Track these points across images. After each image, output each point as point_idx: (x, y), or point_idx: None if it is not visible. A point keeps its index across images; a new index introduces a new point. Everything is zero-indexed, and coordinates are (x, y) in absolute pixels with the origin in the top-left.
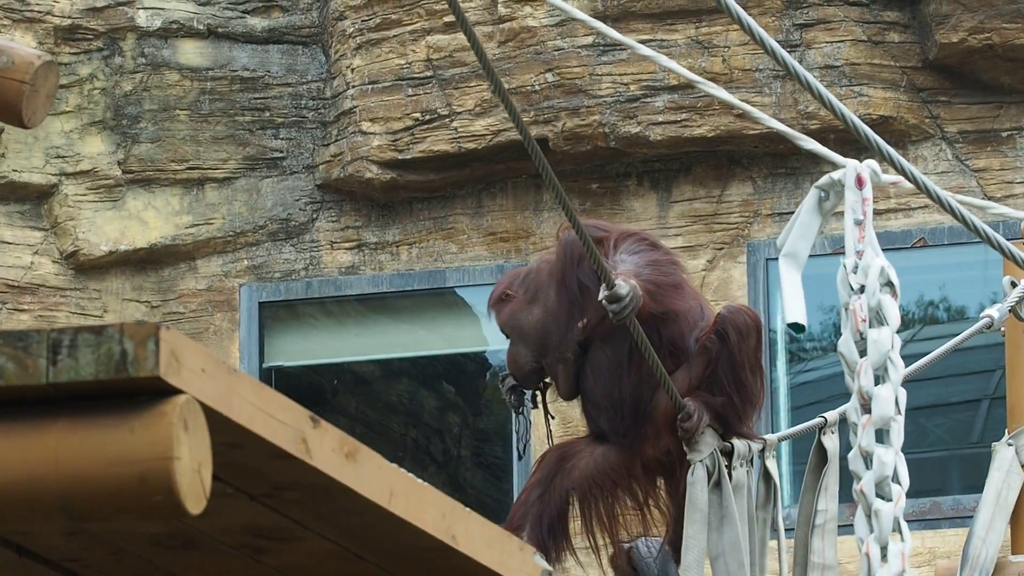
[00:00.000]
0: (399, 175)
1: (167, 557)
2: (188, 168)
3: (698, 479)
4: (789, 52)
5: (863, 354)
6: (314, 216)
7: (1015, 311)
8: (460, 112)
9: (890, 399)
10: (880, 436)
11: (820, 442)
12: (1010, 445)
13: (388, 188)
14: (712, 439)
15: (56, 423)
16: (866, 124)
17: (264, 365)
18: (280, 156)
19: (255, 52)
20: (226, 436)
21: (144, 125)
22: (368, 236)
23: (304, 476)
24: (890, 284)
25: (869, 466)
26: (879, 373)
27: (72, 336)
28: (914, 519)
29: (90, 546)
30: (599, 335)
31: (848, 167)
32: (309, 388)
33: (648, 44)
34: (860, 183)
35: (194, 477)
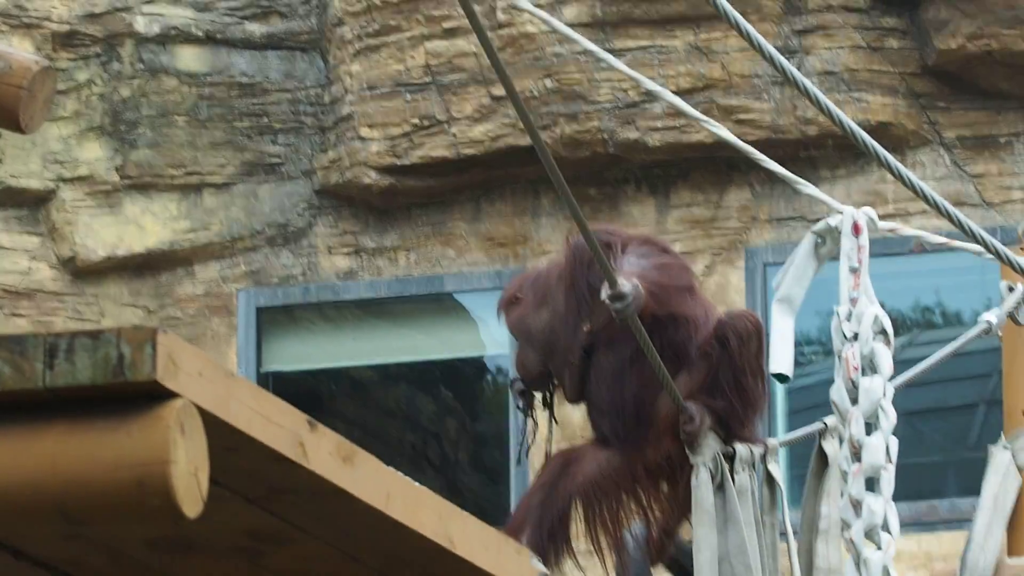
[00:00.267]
0: (397, 180)
1: (164, 560)
2: (186, 174)
3: (702, 481)
4: (788, 58)
5: (855, 402)
6: (312, 221)
7: (1013, 316)
8: (459, 118)
9: (881, 448)
10: (870, 484)
11: (820, 447)
12: (1006, 448)
13: (386, 193)
14: (714, 442)
15: (53, 427)
16: (864, 130)
17: (261, 370)
18: (278, 162)
19: (253, 58)
20: (223, 440)
21: (142, 131)
22: (366, 241)
23: (301, 479)
24: (883, 332)
25: (859, 514)
26: (870, 421)
27: (69, 340)
28: (911, 522)
29: (87, 549)
30: (603, 340)
31: (845, 214)
32: (306, 393)
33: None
34: (857, 230)
35: (191, 481)
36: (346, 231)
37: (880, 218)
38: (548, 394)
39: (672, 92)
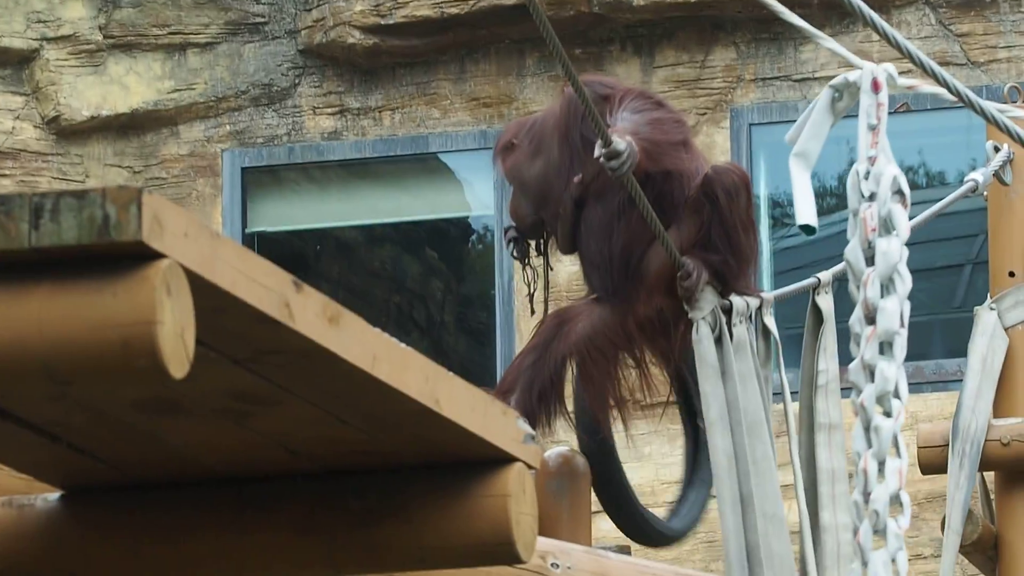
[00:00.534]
0: (381, 40)
1: (150, 421)
2: (170, 33)
3: (703, 336)
4: None
5: (870, 264)
6: (296, 82)
7: (998, 175)
8: None
9: (896, 312)
10: (883, 349)
11: (815, 303)
12: (992, 309)
13: (370, 54)
14: (712, 296)
15: (39, 287)
16: None
17: (247, 230)
18: (262, 21)
19: None
20: (209, 301)
21: None
22: (351, 102)
23: (287, 340)
24: (901, 192)
25: (871, 379)
26: (885, 284)
27: (54, 200)
28: None
29: (73, 410)
30: (593, 191)
31: (864, 69)
32: (292, 254)
33: None
34: (876, 87)
35: (177, 341)
36: (330, 91)
37: None
38: (542, 243)
39: None
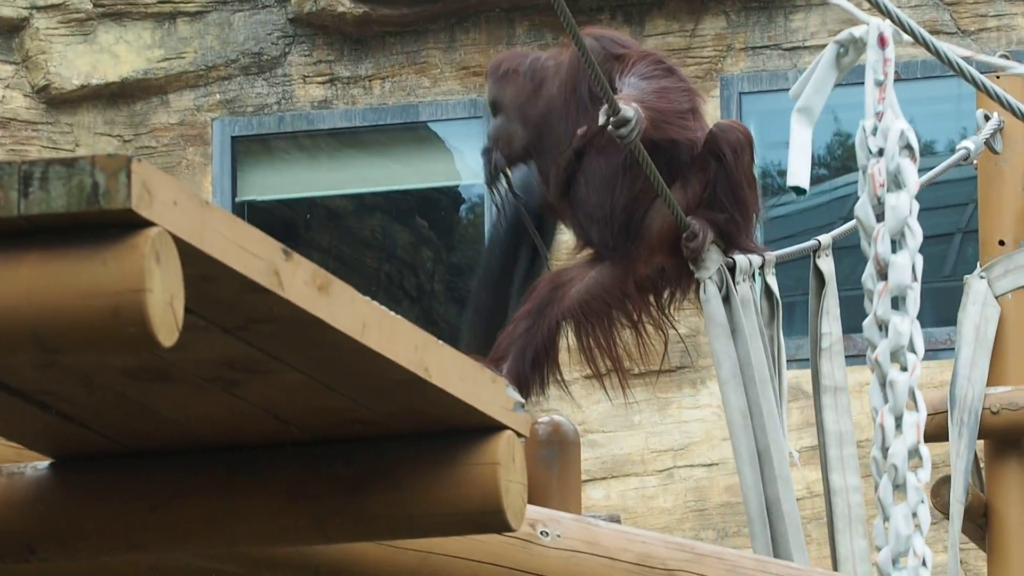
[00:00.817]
0: (371, 9)
1: (140, 390)
2: (159, 2)
3: (711, 295)
4: None
5: (880, 219)
6: (286, 50)
7: (989, 144)
8: None
9: (907, 267)
10: (895, 304)
11: (816, 266)
12: (982, 278)
13: (360, 22)
14: (717, 255)
15: (28, 256)
16: None
17: (237, 199)
18: None
19: None
20: (198, 269)
21: None
22: (341, 70)
23: (276, 309)
24: (909, 148)
25: (884, 334)
26: (896, 239)
27: (43, 168)
28: None
29: (63, 378)
30: (596, 144)
31: (871, 25)
32: (282, 222)
33: None
34: (883, 42)
35: (166, 309)
36: (320, 60)
37: None
38: (517, 169)
39: None
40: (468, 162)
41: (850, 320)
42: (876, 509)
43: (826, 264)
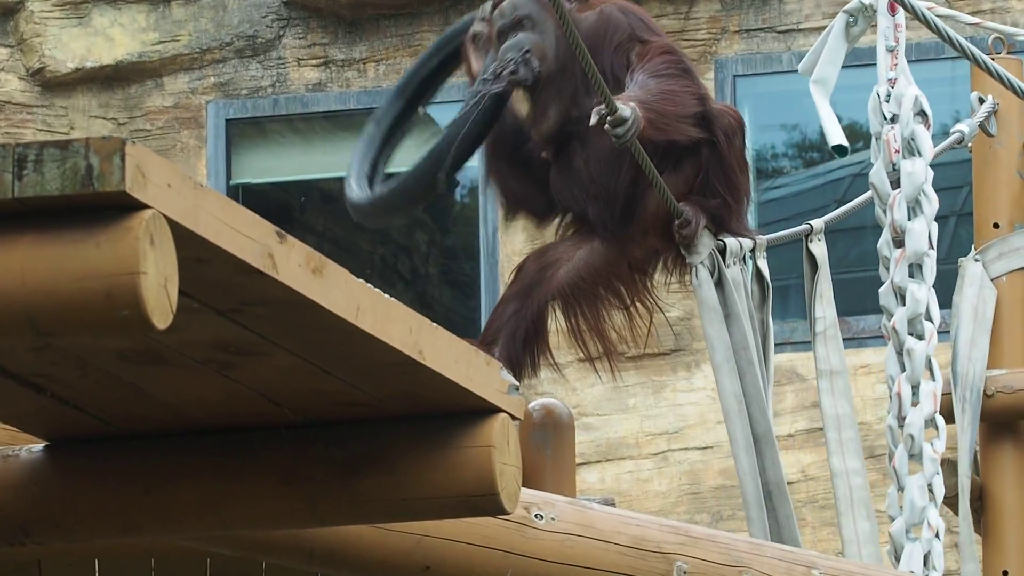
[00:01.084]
0: None
1: (134, 372)
2: None
3: (703, 280)
4: None
5: (896, 186)
6: (281, 33)
7: (983, 127)
8: None
9: (924, 233)
10: (912, 272)
11: (808, 250)
12: (977, 261)
13: (355, 5)
14: (709, 240)
15: (22, 238)
16: None
17: (231, 182)
18: None
19: None
20: (192, 251)
21: None
22: (335, 53)
23: (271, 291)
24: (923, 114)
25: (901, 302)
26: (912, 206)
27: (38, 151)
28: (878, 335)
29: (57, 361)
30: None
31: None
32: (276, 205)
33: None
34: (892, 9)
35: (160, 292)
36: (315, 43)
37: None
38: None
39: None
40: None
41: (846, 304)
42: (890, 480)
43: (819, 248)
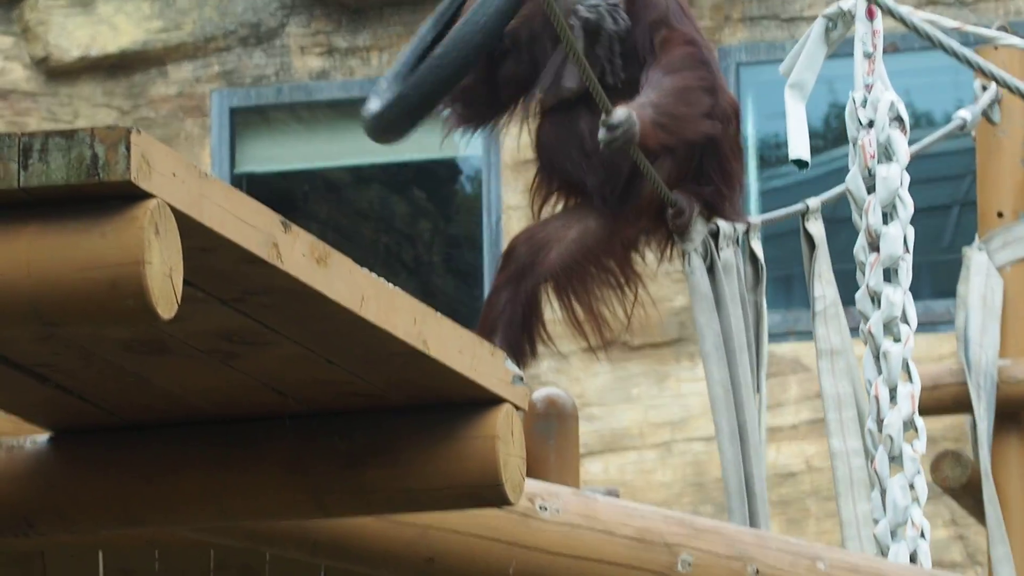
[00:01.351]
0: None
1: (138, 362)
2: None
3: (695, 267)
4: None
5: (871, 191)
6: (284, 21)
7: (986, 115)
8: None
9: (899, 238)
10: (887, 275)
11: (806, 230)
12: (981, 250)
13: None
14: (702, 226)
15: (27, 228)
16: None
17: (235, 171)
18: None
19: None
20: (197, 241)
21: None
22: (339, 41)
23: (275, 280)
24: (899, 119)
25: (877, 306)
26: (887, 211)
27: (43, 140)
28: None
29: (61, 351)
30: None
31: None
32: (280, 194)
33: None
34: (871, 14)
35: (165, 281)
36: (318, 31)
37: None
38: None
39: None
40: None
41: (848, 293)
42: (872, 483)
43: (816, 227)
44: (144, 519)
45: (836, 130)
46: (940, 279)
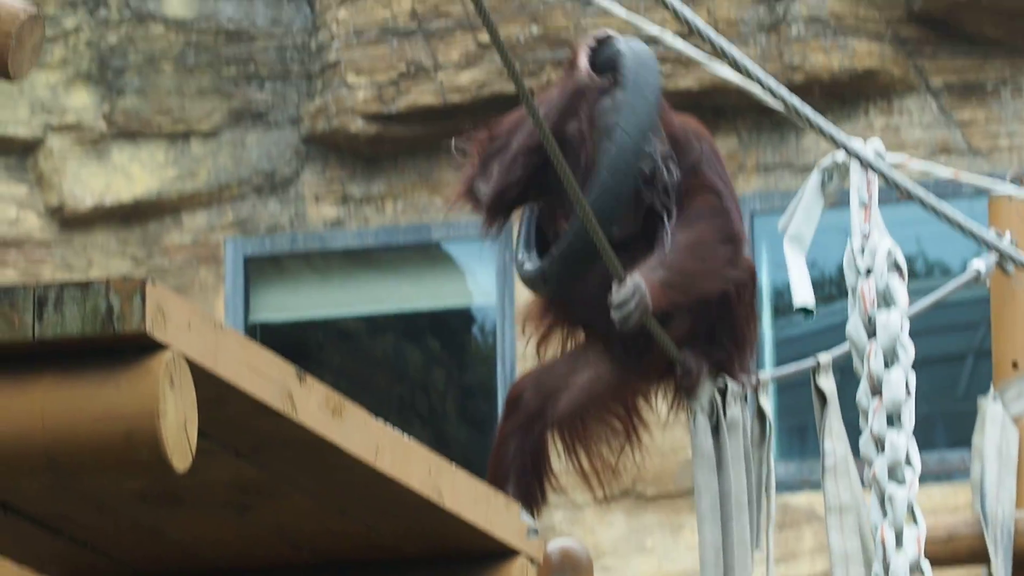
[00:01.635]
0: (384, 128)
1: (153, 514)
2: (173, 121)
3: (699, 428)
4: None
5: (872, 336)
6: (299, 169)
7: (1001, 264)
8: (445, 65)
9: (901, 382)
10: (891, 420)
11: (817, 385)
12: (996, 400)
13: (373, 141)
14: (709, 385)
15: (42, 379)
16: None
17: (249, 320)
18: (265, 109)
19: (240, 4)
20: (212, 392)
21: (129, 78)
22: (353, 190)
23: (290, 432)
24: (897, 266)
25: (881, 450)
26: (888, 356)
27: (58, 291)
28: None
29: (76, 503)
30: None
31: (853, 148)
32: (294, 343)
33: None
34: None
35: (180, 433)
36: (333, 179)
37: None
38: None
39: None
40: (480, 282)
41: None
42: None
43: (827, 383)
44: None
45: None
46: (955, 429)
